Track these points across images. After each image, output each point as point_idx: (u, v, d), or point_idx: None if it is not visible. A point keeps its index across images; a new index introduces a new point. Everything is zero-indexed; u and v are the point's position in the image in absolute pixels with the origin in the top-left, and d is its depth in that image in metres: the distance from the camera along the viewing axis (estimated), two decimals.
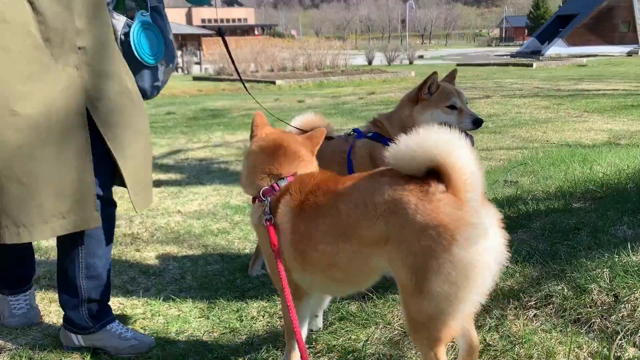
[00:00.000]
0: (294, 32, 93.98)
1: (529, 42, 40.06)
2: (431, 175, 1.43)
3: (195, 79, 21.49)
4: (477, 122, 2.49)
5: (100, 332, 2.19)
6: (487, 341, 2.03)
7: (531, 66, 22.24)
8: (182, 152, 6.65)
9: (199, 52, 31.14)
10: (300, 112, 2.81)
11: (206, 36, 46.87)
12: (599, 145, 5.65)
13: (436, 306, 1.42)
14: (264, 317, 2.44)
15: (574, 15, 36.38)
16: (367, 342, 2.11)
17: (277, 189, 1.78)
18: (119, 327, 2.23)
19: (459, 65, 23.04)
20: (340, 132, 2.96)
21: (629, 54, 31.23)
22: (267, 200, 1.77)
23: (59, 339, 2.26)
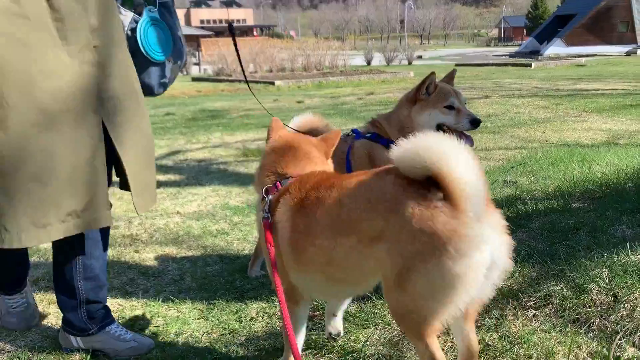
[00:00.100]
0: (292, 32, 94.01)
1: (527, 42, 40.10)
2: (432, 180, 1.42)
3: (194, 79, 21.48)
4: (475, 122, 2.49)
5: (99, 333, 2.19)
6: (486, 341, 2.03)
7: (530, 66, 22.25)
8: (181, 153, 6.65)
9: (197, 52, 31.12)
10: (299, 113, 2.81)
11: (205, 37, 46.89)
12: (597, 145, 5.65)
13: (415, 303, 1.44)
14: (263, 318, 2.44)
15: (572, 15, 36.42)
16: (367, 343, 2.11)
17: (278, 187, 1.78)
18: (118, 329, 2.23)
19: (457, 65, 23.05)
20: None
21: (628, 54, 31.25)
22: (268, 198, 1.77)
23: (57, 341, 2.26)
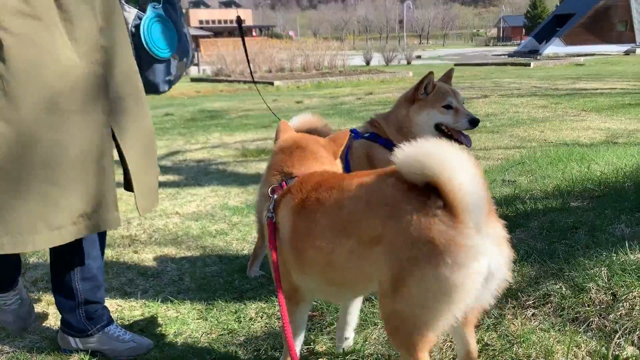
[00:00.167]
0: (291, 33, 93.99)
1: (526, 42, 40.06)
2: (434, 187, 1.39)
3: (193, 80, 21.46)
4: (474, 122, 2.49)
5: (98, 334, 2.19)
6: (485, 340, 2.03)
7: (529, 65, 22.25)
8: (180, 153, 6.64)
9: (196, 53, 31.12)
10: (298, 113, 2.80)
11: (204, 37, 46.87)
12: (596, 144, 5.65)
13: (411, 311, 1.40)
14: (262, 318, 2.44)
15: (571, 14, 36.42)
16: (366, 343, 2.11)
17: (284, 187, 1.77)
18: (116, 330, 2.23)
19: (456, 65, 23.05)
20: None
21: (627, 53, 31.24)
22: (273, 197, 1.77)
23: (56, 342, 2.25)
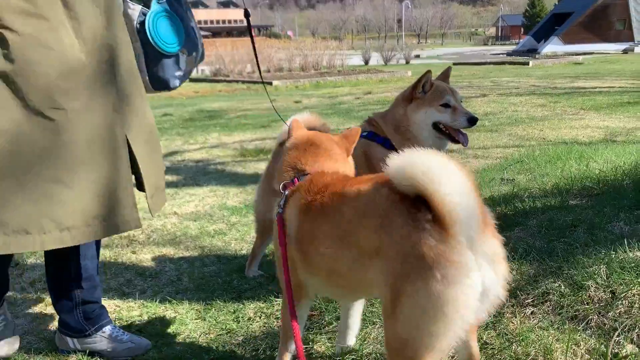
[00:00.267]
0: (290, 32, 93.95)
1: (525, 41, 40.07)
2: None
3: (191, 80, 21.45)
4: (472, 120, 2.49)
5: (96, 335, 2.18)
6: (484, 339, 2.02)
7: (527, 64, 22.26)
8: (179, 153, 6.63)
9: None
10: (296, 113, 2.80)
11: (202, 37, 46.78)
12: (595, 142, 5.65)
13: (408, 332, 1.34)
14: (260, 318, 2.43)
15: (569, 13, 36.41)
16: (364, 342, 2.10)
17: (296, 183, 1.76)
18: (114, 330, 2.22)
19: (455, 64, 23.03)
20: (335, 132, 2.95)
21: (625, 52, 31.29)
22: (284, 193, 1.76)
23: (54, 343, 2.25)
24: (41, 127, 1.66)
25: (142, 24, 2.00)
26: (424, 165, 1.30)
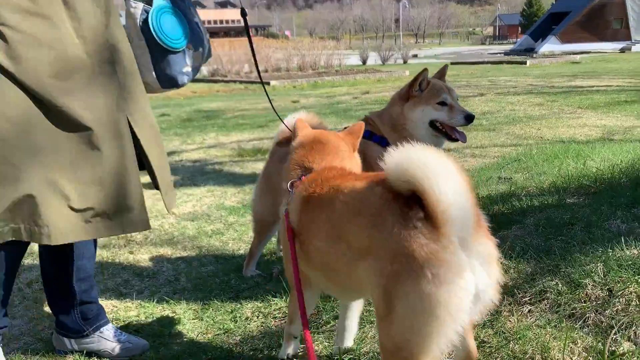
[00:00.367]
0: (287, 32, 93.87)
1: (522, 40, 40.08)
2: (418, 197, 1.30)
3: None
4: (469, 118, 2.49)
5: (94, 335, 2.18)
6: (481, 338, 2.02)
7: (525, 64, 22.26)
8: (176, 153, 6.63)
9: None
10: (294, 112, 2.79)
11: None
12: (592, 141, 5.65)
13: (402, 335, 1.31)
14: (258, 317, 2.43)
15: (566, 12, 36.43)
16: (362, 341, 2.10)
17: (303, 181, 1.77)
18: (112, 330, 2.22)
19: (453, 63, 23.06)
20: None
21: (622, 51, 31.32)
22: (292, 191, 1.76)
23: (51, 343, 2.24)
24: (44, 125, 1.65)
25: (145, 21, 1.98)
26: (421, 160, 1.28)
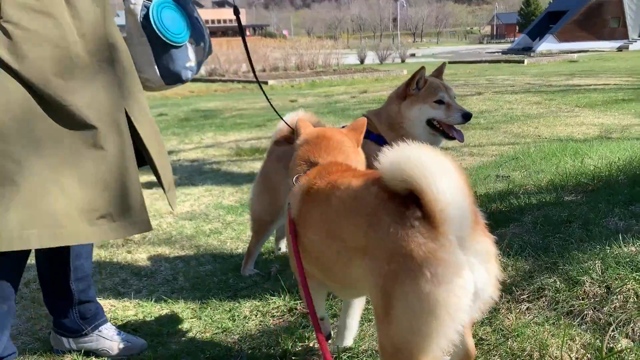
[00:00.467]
0: (285, 32, 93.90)
1: (520, 39, 40.13)
2: (415, 196, 1.29)
3: None
4: (466, 116, 2.49)
5: (92, 334, 2.18)
6: (479, 335, 2.02)
7: (522, 63, 22.31)
8: (174, 153, 6.62)
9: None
10: (292, 112, 2.79)
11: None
12: (590, 139, 5.67)
13: (402, 335, 1.30)
14: (256, 316, 2.42)
15: (564, 11, 36.49)
16: (361, 339, 2.10)
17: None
18: (110, 329, 2.21)
19: (450, 62, 23.08)
20: None
21: (619, 49, 31.40)
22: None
23: (49, 343, 2.24)
24: (47, 124, 1.64)
25: (146, 17, 1.97)
26: (418, 159, 1.26)
